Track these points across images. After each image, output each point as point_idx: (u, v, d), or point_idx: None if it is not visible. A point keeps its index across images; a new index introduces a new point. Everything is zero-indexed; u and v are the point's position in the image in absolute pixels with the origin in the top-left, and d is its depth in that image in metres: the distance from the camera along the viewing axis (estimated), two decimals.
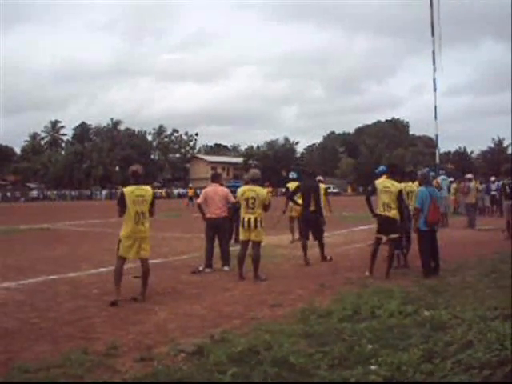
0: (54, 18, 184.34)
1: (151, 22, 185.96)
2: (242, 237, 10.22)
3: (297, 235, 15.87)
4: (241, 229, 10.16)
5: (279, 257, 12.73)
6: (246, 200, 10.01)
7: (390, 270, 9.88)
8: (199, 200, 11.59)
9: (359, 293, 7.98)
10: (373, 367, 4.72)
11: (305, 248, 11.86)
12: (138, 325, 6.72)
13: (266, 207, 10.26)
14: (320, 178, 16.66)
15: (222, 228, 11.41)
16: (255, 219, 9.95)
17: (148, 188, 8.32)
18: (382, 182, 10.15)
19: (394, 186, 9.98)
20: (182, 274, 10.49)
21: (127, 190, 8.12)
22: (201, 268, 10.84)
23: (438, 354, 4.99)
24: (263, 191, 10.32)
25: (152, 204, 8.31)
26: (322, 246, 12.31)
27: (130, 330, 6.48)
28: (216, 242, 11.32)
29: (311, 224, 12.30)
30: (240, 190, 10.26)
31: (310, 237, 12.27)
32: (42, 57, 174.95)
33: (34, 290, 9.10)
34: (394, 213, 9.87)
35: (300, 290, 8.67)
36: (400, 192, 10.00)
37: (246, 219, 9.98)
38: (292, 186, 15.63)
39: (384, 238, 10.11)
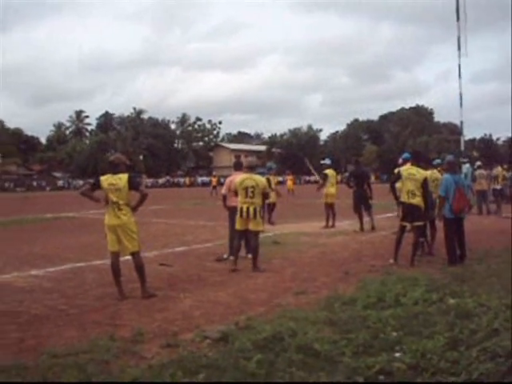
0: (82, 9, 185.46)
1: (179, 11, 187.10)
2: (238, 226, 9.96)
3: (331, 222, 16.14)
4: (238, 218, 9.91)
5: (303, 244, 12.72)
6: (245, 189, 9.77)
7: (415, 258, 9.84)
8: (223, 191, 11.56)
9: (383, 280, 7.95)
10: (397, 354, 4.72)
11: (361, 218, 15.51)
12: (164, 312, 6.79)
13: (265, 195, 10.09)
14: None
15: None
16: (254, 209, 9.75)
17: (123, 176, 7.76)
18: (407, 169, 10.08)
19: (419, 173, 9.91)
20: (206, 262, 10.55)
21: (102, 178, 7.83)
22: (225, 256, 10.88)
23: (463, 341, 4.98)
24: (262, 180, 10.14)
25: (133, 188, 7.81)
26: (371, 216, 15.79)
27: (155, 317, 6.56)
28: None
29: (363, 200, 15.72)
30: (238, 179, 9.98)
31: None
32: (69, 48, 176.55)
33: (62, 278, 9.25)
34: (418, 200, 9.79)
35: (324, 278, 8.68)
36: (425, 179, 9.92)
37: (244, 208, 9.76)
38: (330, 172, 16.31)
39: (408, 226, 10.05)
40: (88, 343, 5.41)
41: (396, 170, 11.01)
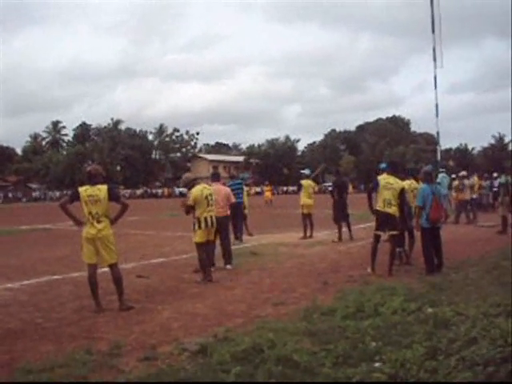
0: (60, 20, 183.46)
1: (157, 23, 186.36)
2: (201, 239, 9.88)
3: (308, 232, 16.15)
4: (203, 230, 9.85)
5: (281, 255, 12.71)
6: (206, 198, 9.87)
7: (393, 267, 9.89)
8: None
9: (362, 290, 7.96)
10: (377, 365, 4.71)
11: (340, 228, 15.40)
12: (142, 324, 6.73)
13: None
14: None
15: (224, 227, 11.42)
16: (214, 217, 10.01)
17: (103, 187, 7.68)
18: (385, 178, 10.11)
19: (397, 183, 10.00)
20: (184, 273, 10.48)
21: (81, 189, 7.73)
22: None
23: (441, 350, 4.97)
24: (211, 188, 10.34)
25: (113, 200, 7.77)
26: (349, 226, 15.74)
27: (133, 329, 6.49)
28: (218, 241, 11.31)
29: (343, 209, 15.63)
30: (197, 191, 9.91)
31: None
32: (47, 59, 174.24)
33: (37, 291, 9.12)
34: (394, 209, 9.85)
35: (303, 288, 8.67)
36: (403, 189, 10.02)
37: (209, 218, 9.86)
38: (306, 183, 16.36)
39: (383, 235, 10.12)
40: (64, 357, 5.33)
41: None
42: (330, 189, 20.98)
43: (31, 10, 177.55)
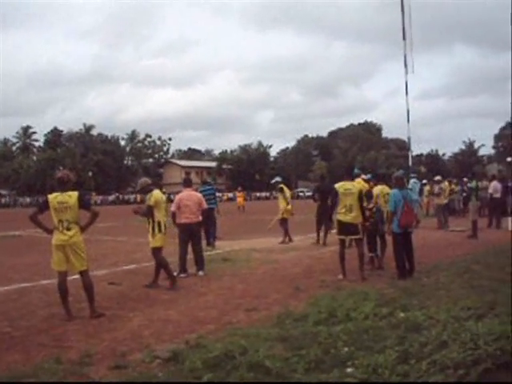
0: (34, 23, 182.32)
1: (131, 28, 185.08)
2: (162, 243, 9.84)
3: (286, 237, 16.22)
4: (163, 235, 9.78)
5: (254, 261, 12.67)
6: (165, 203, 10.01)
7: (365, 272, 10.00)
8: (173, 208, 11.41)
9: (334, 296, 7.98)
10: (349, 370, 4.72)
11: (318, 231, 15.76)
12: (113, 332, 6.65)
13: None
14: None
15: (196, 233, 11.37)
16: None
17: (73, 194, 7.57)
18: (342, 185, 10.25)
19: (354, 187, 10.27)
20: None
21: (51, 196, 7.59)
22: (175, 273, 10.74)
23: (413, 354, 5.00)
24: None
25: (83, 207, 7.68)
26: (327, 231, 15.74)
27: (104, 337, 6.41)
28: (190, 248, 11.25)
29: (326, 215, 14.85)
30: (158, 195, 9.87)
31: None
32: (19, 63, 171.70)
33: (6, 299, 8.95)
34: (354, 215, 10.01)
35: (275, 294, 8.65)
36: (361, 192, 10.21)
37: (166, 224, 9.90)
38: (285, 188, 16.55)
39: (346, 239, 10.41)
40: (32, 367, 5.22)
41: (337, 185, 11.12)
42: (309, 194, 21.07)
43: (3, 12, 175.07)
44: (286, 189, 17.44)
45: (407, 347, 5.21)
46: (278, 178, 18.26)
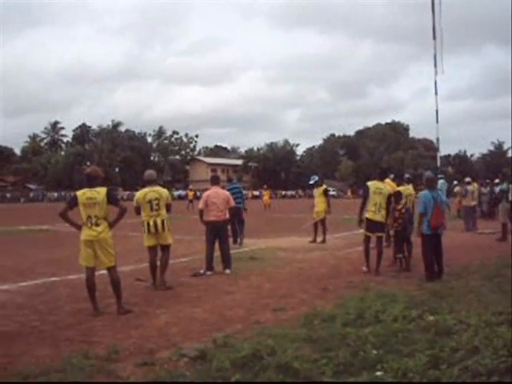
0: (62, 21, 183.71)
1: (160, 27, 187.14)
2: (148, 242, 9.48)
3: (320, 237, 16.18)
4: (147, 234, 9.41)
5: (280, 260, 12.64)
6: (149, 202, 9.37)
7: (392, 274, 10.14)
8: (200, 205, 11.40)
9: (362, 297, 7.90)
10: (379, 373, 4.64)
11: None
12: (140, 328, 6.65)
13: (169, 207, 9.60)
14: None
15: (223, 231, 11.36)
16: (162, 221, 9.33)
17: (101, 189, 7.61)
18: (374, 184, 10.75)
19: (385, 187, 10.80)
20: (182, 277, 10.40)
21: (79, 192, 7.64)
22: (202, 271, 10.76)
23: (444, 359, 4.91)
24: (165, 191, 9.70)
25: (112, 203, 7.66)
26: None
27: (131, 333, 6.42)
28: (216, 245, 11.23)
29: None
30: (141, 194, 9.54)
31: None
32: (49, 60, 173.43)
33: (34, 293, 9.03)
34: (382, 214, 10.53)
35: (302, 294, 8.60)
36: (390, 193, 10.70)
37: (151, 223, 9.31)
38: (319, 190, 16.51)
39: (372, 236, 10.70)
40: (61, 362, 5.24)
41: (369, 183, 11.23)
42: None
43: (33, 10, 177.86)
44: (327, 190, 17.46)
45: (438, 352, 5.12)
46: (316, 178, 17.93)
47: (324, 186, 17.48)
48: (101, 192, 7.57)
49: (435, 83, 25.37)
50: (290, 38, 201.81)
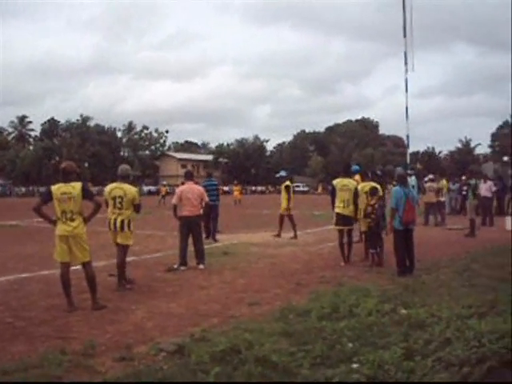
0: (34, 14, 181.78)
1: (132, 20, 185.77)
2: (113, 240, 9.30)
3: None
4: (109, 231, 9.23)
5: (253, 255, 12.69)
6: (114, 199, 9.06)
7: (365, 269, 10.36)
8: (174, 200, 11.39)
9: (336, 291, 8.00)
10: (355, 366, 4.74)
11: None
12: (115, 324, 6.65)
13: (136, 207, 9.23)
14: None
15: (196, 226, 11.36)
16: (122, 221, 8.98)
17: (77, 184, 7.54)
18: (340, 181, 11.29)
19: (350, 183, 11.30)
20: (156, 272, 10.41)
21: (54, 187, 7.56)
22: (176, 266, 10.77)
23: (417, 351, 5.04)
24: (132, 190, 9.18)
25: (87, 198, 7.62)
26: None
27: (107, 329, 6.41)
28: (190, 240, 11.24)
29: None
30: (108, 188, 9.34)
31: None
32: (17, 53, 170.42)
33: (7, 289, 8.93)
34: (351, 209, 11.13)
35: (276, 289, 8.67)
36: (356, 189, 11.28)
37: (112, 220, 9.04)
38: (282, 186, 16.51)
39: (344, 228, 11.21)
40: (38, 358, 5.22)
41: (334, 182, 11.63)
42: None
43: (4, 3, 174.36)
44: (291, 186, 17.14)
45: (412, 344, 5.26)
46: (282, 173, 17.91)
47: (286, 183, 16.97)
48: (76, 187, 7.53)
49: (406, 81, 25.71)
50: (262, 33, 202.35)
